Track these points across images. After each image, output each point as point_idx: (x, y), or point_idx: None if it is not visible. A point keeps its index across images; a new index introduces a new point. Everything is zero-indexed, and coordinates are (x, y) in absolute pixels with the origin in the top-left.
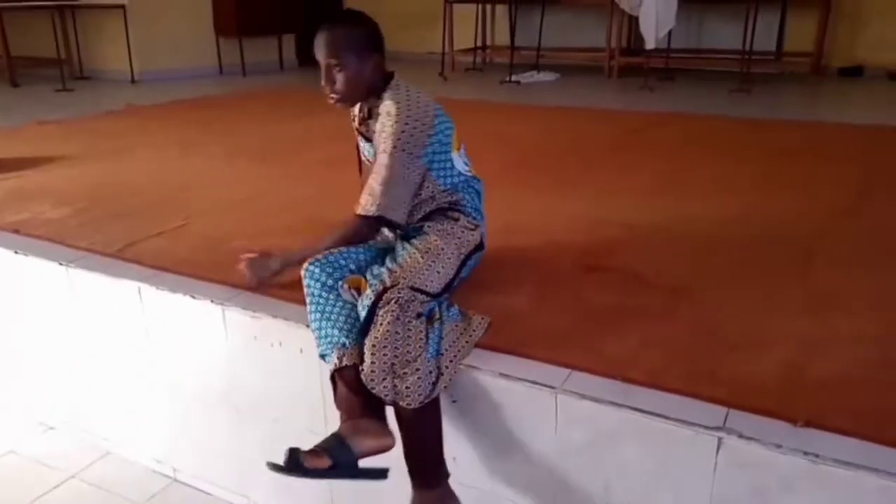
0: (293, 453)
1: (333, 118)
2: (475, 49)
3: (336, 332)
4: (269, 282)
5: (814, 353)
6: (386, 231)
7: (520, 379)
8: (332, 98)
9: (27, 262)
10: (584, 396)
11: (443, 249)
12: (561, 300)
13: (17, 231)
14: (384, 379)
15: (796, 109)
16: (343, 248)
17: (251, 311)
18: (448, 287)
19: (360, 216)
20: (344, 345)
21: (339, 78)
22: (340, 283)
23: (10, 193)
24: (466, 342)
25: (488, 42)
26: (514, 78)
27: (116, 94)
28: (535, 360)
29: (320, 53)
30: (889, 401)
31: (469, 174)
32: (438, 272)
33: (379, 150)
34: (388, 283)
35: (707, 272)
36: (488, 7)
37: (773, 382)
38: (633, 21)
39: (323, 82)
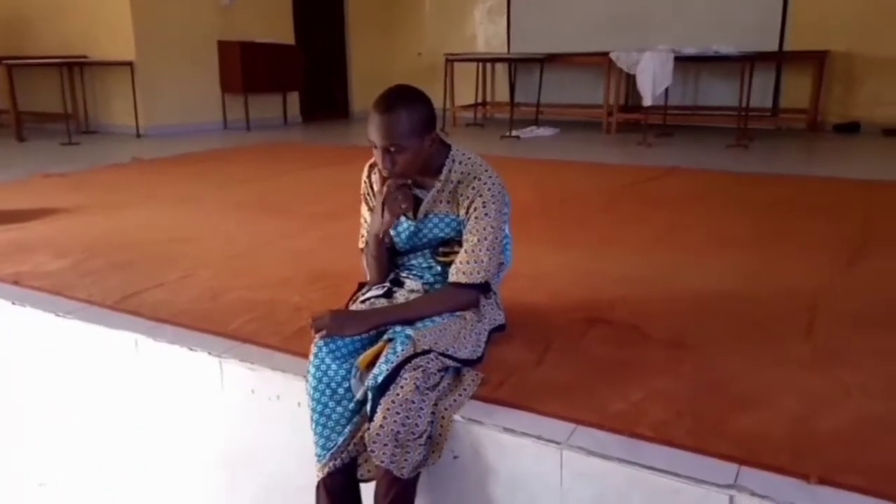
0: None
1: (333, 172)
2: (476, 105)
3: (335, 434)
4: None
5: (822, 408)
6: (411, 282)
7: (524, 434)
8: (391, 177)
9: (24, 313)
10: (590, 452)
11: (476, 321)
12: (563, 353)
13: (15, 282)
14: (386, 445)
15: (793, 164)
16: None
17: (249, 364)
18: (480, 359)
19: (467, 285)
20: (338, 446)
21: (399, 160)
22: (354, 371)
23: (11, 245)
24: (455, 400)
25: (488, 98)
26: (513, 133)
27: (122, 147)
28: (538, 414)
29: (377, 137)
30: None
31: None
32: (468, 341)
33: (474, 215)
34: (419, 348)
35: (708, 326)
36: (488, 65)
37: (782, 438)
38: (631, 78)
39: (381, 164)
